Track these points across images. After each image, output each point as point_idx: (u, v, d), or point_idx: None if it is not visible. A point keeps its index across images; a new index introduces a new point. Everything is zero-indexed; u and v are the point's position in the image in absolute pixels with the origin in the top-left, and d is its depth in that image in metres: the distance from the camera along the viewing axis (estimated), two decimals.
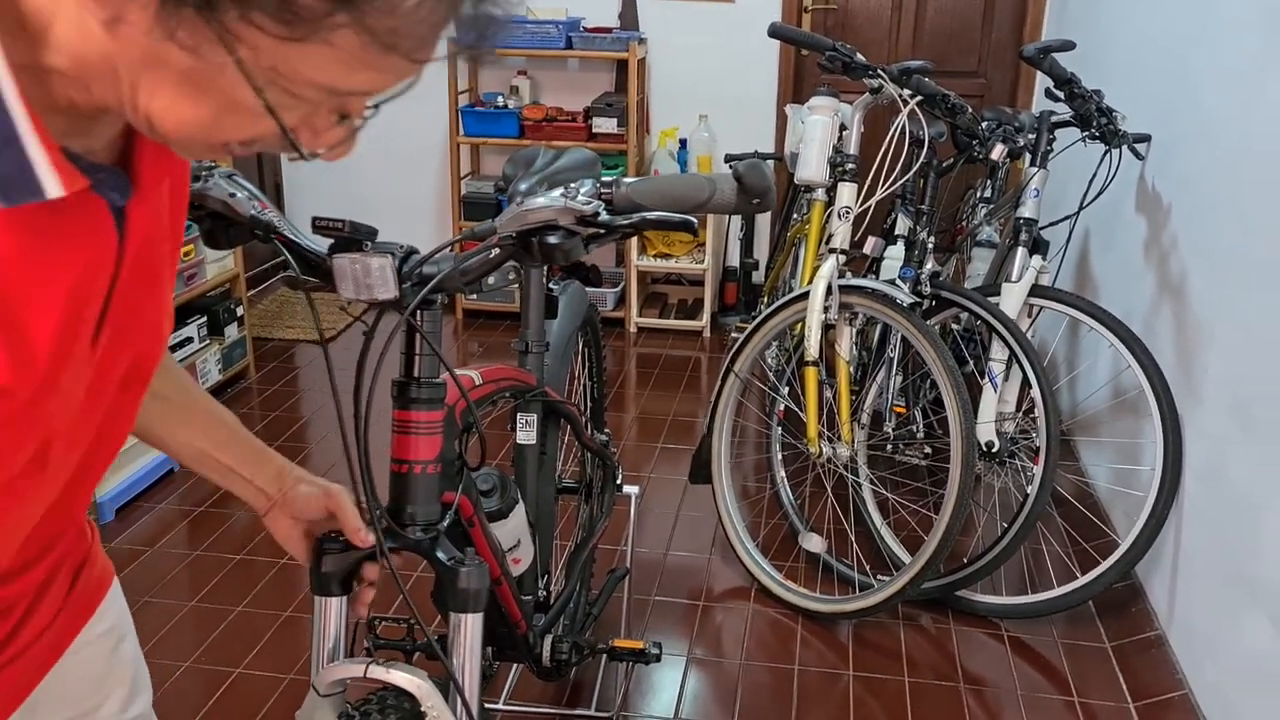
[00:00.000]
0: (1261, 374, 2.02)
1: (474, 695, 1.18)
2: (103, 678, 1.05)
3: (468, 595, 1.18)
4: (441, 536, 1.19)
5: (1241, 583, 2.03)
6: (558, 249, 1.11)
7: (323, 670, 1.13)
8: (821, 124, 2.65)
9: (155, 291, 0.83)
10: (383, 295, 1.06)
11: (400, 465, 1.18)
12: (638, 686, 2.32)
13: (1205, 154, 2.42)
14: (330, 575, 1.13)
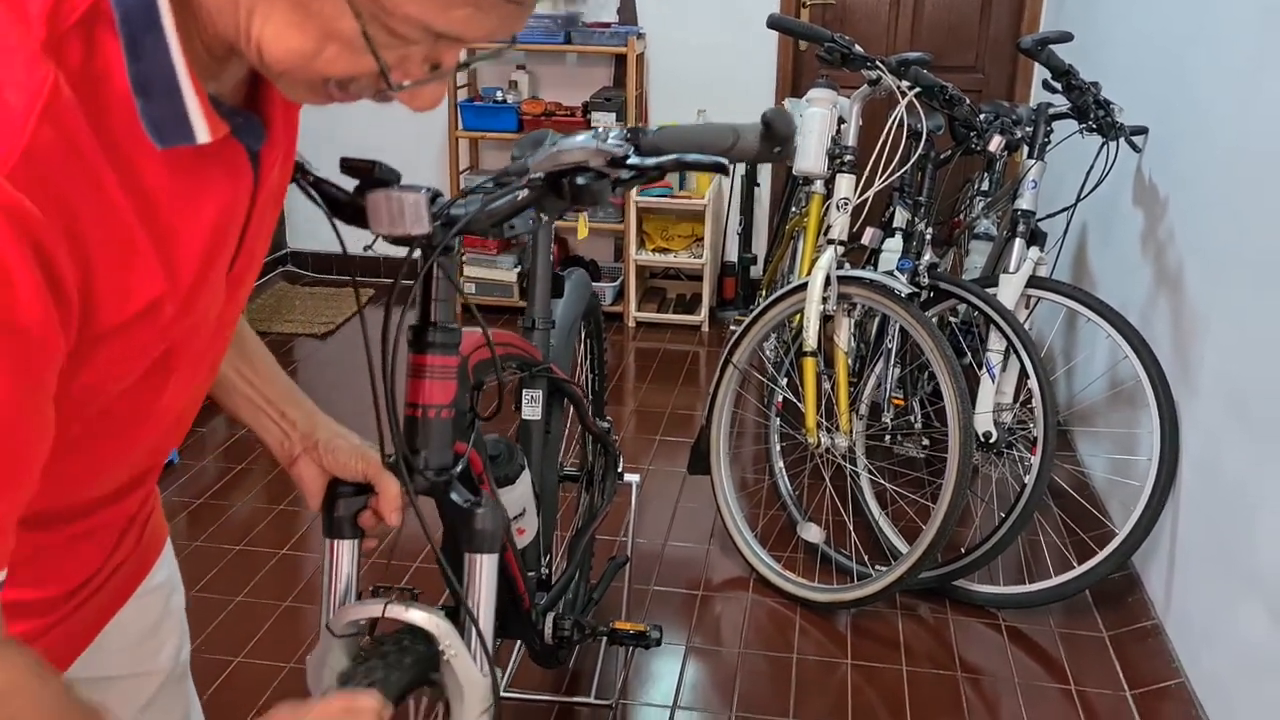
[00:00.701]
0: (1257, 368, 2.03)
1: (489, 634, 1.18)
2: (158, 625, 1.09)
3: (484, 535, 1.19)
4: (455, 481, 1.20)
5: (1237, 573, 2.05)
6: (587, 190, 1.12)
7: (337, 612, 1.13)
8: (820, 116, 2.65)
9: (272, 228, 0.90)
10: (416, 230, 1.06)
11: (414, 409, 1.18)
12: (637, 674, 2.33)
13: (1202, 151, 2.43)
14: (342, 518, 1.14)
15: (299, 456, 1.13)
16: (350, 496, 1.14)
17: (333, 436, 1.14)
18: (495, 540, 1.19)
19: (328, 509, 1.15)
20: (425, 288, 1.19)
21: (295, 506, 2.96)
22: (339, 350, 4.16)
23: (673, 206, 4.40)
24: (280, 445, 1.13)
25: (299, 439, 1.13)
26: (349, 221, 1.12)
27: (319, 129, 4.67)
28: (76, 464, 0.79)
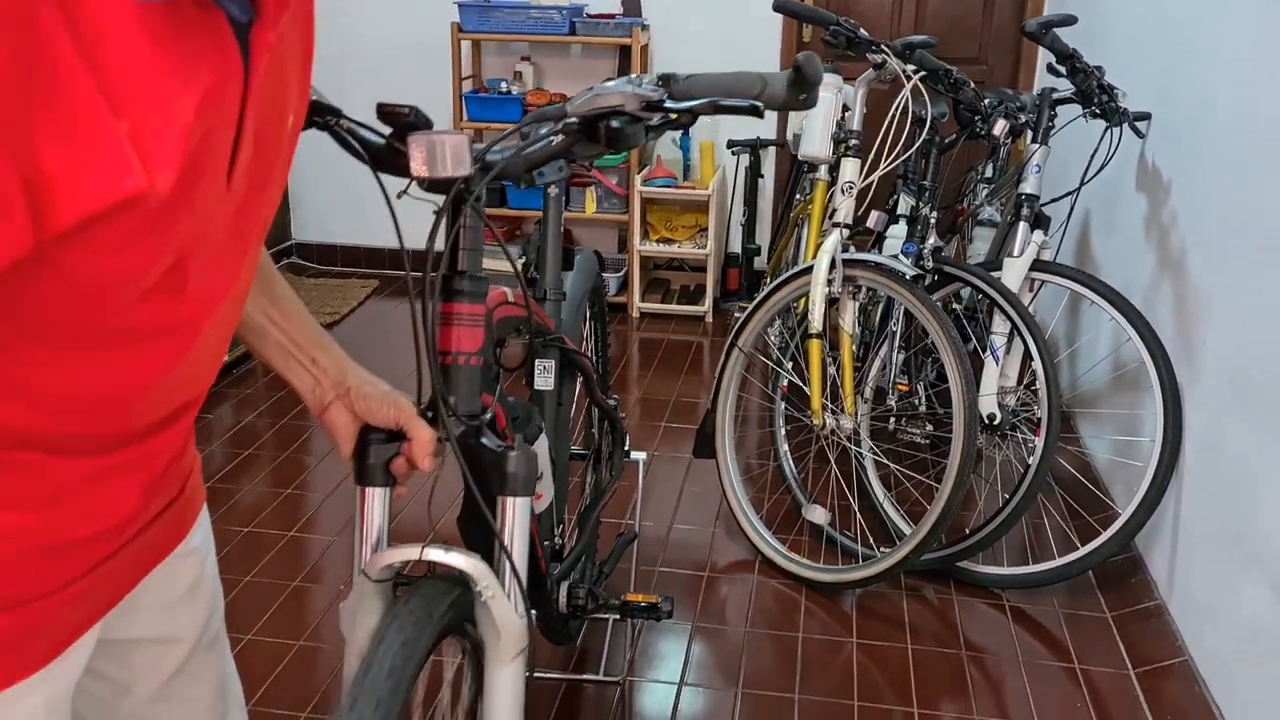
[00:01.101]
0: (1259, 346, 2.05)
1: (524, 576, 1.20)
2: (193, 590, 1.09)
3: (517, 478, 1.21)
4: (485, 428, 1.22)
5: (1240, 550, 2.06)
6: (621, 134, 1.15)
7: (372, 557, 1.15)
8: (825, 100, 2.67)
9: (282, 145, 0.86)
10: (457, 172, 1.09)
11: (445, 356, 1.20)
12: (644, 653, 2.34)
13: (1204, 134, 2.45)
14: (374, 465, 1.15)
15: (331, 403, 1.15)
16: (382, 443, 1.16)
17: (364, 383, 1.15)
18: (529, 484, 1.21)
19: (359, 456, 1.17)
20: (455, 238, 1.21)
21: (301, 490, 2.98)
22: (346, 338, 4.17)
23: (677, 197, 4.41)
24: (312, 392, 1.14)
25: (330, 385, 1.14)
26: (382, 169, 1.14)
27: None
28: (109, 381, 0.79)
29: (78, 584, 0.90)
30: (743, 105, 1.21)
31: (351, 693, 1.05)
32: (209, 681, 1.17)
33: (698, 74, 1.29)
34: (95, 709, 1.06)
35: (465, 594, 1.18)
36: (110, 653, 1.03)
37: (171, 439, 0.95)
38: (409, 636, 1.08)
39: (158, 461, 0.94)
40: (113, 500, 0.90)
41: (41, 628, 0.87)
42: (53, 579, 0.87)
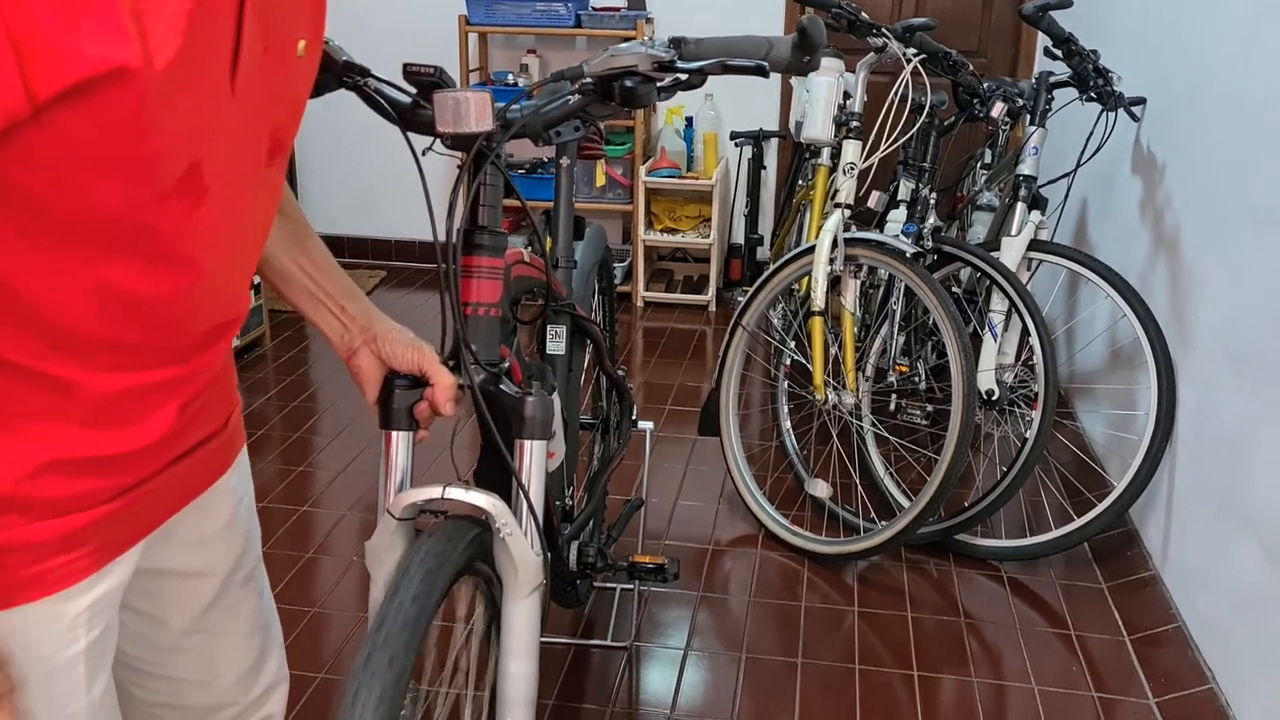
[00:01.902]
0: (1250, 317, 2.11)
1: (540, 513, 1.27)
2: (227, 527, 1.15)
3: (534, 422, 1.27)
4: (503, 375, 1.28)
5: (1232, 514, 2.12)
6: (634, 93, 1.21)
7: (397, 496, 1.21)
8: (826, 84, 2.73)
9: (296, 69, 0.91)
10: (481, 127, 1.15)
11: (465, 307, 1.26)
12: (650, 620, 2.40)
13: (1200, 108, 2.51)
14: (399, 410, 1.22)
15: (358, 349, 1.21)
16: (406, 389, 1.22)
17: (390, 329, 1.22)
18: (545, 427, 1.27)
19: (384, 401, 1.23)
20: (475, 193, 1.26)
21: (311, 469, 3.04)
22: None
23: (680, 187, 4.47)
24: (340, 338, 1.21)
25: (358, 332, 1.21)
26: (409, 128, 1.20)
27: (321, 114, 4.76)
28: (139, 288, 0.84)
29: (119, 500, 0.95)
30: (749, 65, 1.27)
31: (379, 614, 1.10)
32: (245, 616, 1.22)
33: (706, 37, 1.35)
34: (132, 641, 1.12)
35: (484, 533, 1.24)
36: (144, 586, 1.08)
37: (208, 361, 1.00)
38: (431, 568, 1.14)
39: (194, 384, 0.99)
40: (149, 419, 0.95)
41: (84, 539, 0.93)
42: (94, 493, 0.93)
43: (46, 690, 0.92)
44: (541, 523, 1.27)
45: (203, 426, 1.05)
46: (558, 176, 1.92)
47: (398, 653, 1.06)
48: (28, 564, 0.89)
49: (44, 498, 0.89)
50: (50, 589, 0.91)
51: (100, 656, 0.98)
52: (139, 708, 1.17)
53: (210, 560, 1.14)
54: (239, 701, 1.25)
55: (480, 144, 1.20)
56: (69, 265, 0.81)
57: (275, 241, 1.17)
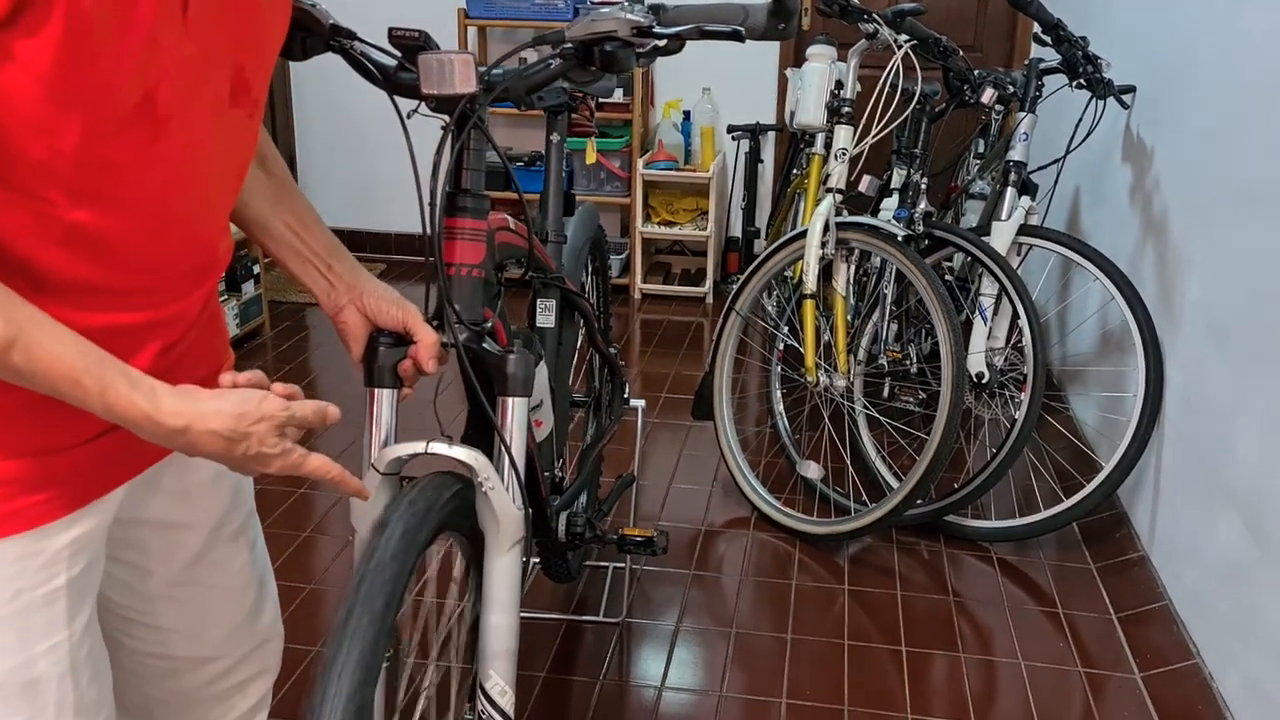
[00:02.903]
0: (1234, 295, 2.13)
1: (521, 470, 1.29)
2: (213, 481, 1.18)
3: (516, 379, 1.30)
4: (487, 336, 1.30)
5: (1217, 489, 2.14)
6: (614, 57, 1.24)
7: (381, 451, 1.23)
8: (819, 71, 2.76)
9: (258, 11, 0.94)
10: (463, 89, 1.17)
11: (449, 268, 1.29)
12: (642, 597, 2.43)
13: (1186, 92, 2.54)
14: (383, 368, 1.24)
15: (344, 306, 1.24)
16: (391, 347, 1.24)
17: (375, 287, 1.25)
18: (527, 384, 1.30)
19: (369, 359, 1.25)
20: (459, 157, 1.29)
21: None
22: None
23: (678, 180, 4.51)
24: (326, 296, 1.23)
25: (344, 289, 1.23)
26: (391, 91, 1.23)
27: (321, 109, 4.79)
28: (104, 225, 0.88)
29: (96, 442, 0.98)
30: (725, 31, 1.29)
31: (358, 572, 1.11)
32: (235, 571, 1.24)
33: (684, 3, 1.38)
34: (119, 590, 1.14)
35: (465, 489, 1.26)
36: (128, 536, 1.11)
37: (186, 308, 1.03)
38: (412, 524, 1.15)
39: (173, 329, 1.02)
40: (127, 360, 0.97)
41: (60, 479, 0.96)
42: (76, 431, 0.96)
43: (28, 623, 0.94)
44: (523, 478, 1.29)
45: (185, 375, 1.07)
46: (547, 152, 1.95)
47: (377, 610, 1.07)
48: (2, 500, 0.91)
49: (14, 437, 0.92)
50: (25, 525, 0.93)
51: (82, 593, 1.00)
52: (130, 657, 1.20)
53: (194, 512, 1.17)
54: (230, 655, 1.27)
55: (463, 106, 1.23)
56: (38, 208, 0.84)
57: (262, 200, 1.19)
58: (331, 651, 1.04)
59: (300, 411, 0.99)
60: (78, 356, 0.85)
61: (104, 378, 0.87)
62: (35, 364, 0.83)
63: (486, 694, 1.29)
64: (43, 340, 0.83)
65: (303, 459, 1.00)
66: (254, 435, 0.95)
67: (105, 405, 0.87)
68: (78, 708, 1.00)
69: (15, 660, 0.95)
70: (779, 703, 2.10)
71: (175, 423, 0.90)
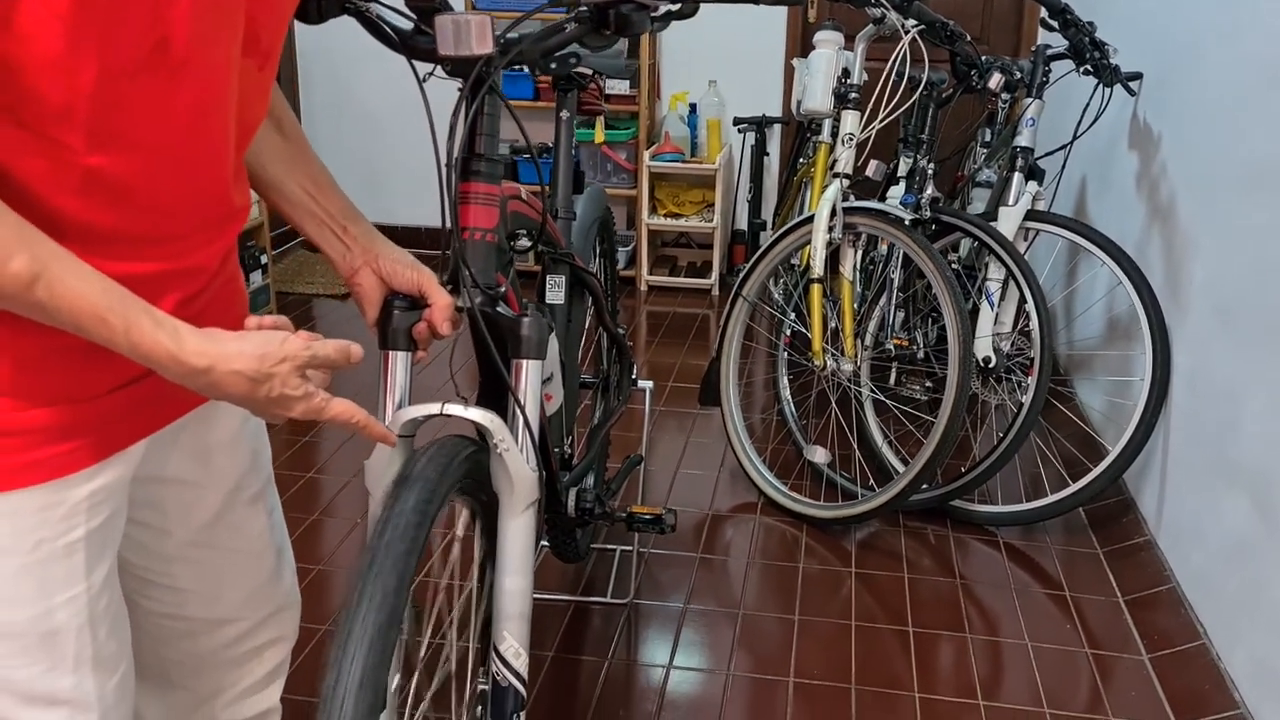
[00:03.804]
0: (1241, 274, 2.14)
1: (535, 428, 1.30)
2: (232, 442, 1.19)
3: (530, 341, 1.30)
4: (500, 300, 1.31)
5: (1223, 469, 2.14)
6: (629, 20, 1.25)
7: (396, 413, 1.24)
8: (826, 57, 2.76)
9: None
10: (480, 50, 1.18)
11: (462, 232, 1.29)
12: (649, 579, 2.43)
13: (1193, 75, 2.54)
14: (397, 330, 1.25)
15: (359, 268, 1.24)
16: (405, 310, 1.25)
17: (390, 250, 1.26)
18: (541, 347, 1.30)
19: (383, 322, 1.26)
20: (473, 121, 1.29)
21: (316, 438, 3.08)
22: (356, 310, 4.28)
23: (684, 172, 4.51)
24: (342, 258, 1.24)
25: (360, 252, 1.24)
26: (409, 54, 1.24)
27: (329, 99, 4.81)
28: (123, 170, 0.88)
29: (122, 392, 0.99)
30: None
31: (377, 529, 1.13)
32: (254, 535, 1.25)
33: None
34: (137, 551, 1.15)
35: (479, 452, 1.26)
36: (147, 496, 1.11)
37: (205, 260, 1.04)
38: (429, 482, 1.16)
39: (192, 282, 1.03)
40: (160, 300, 0.98)
41: (83, 430, 0.96)
42: (97, 381, 0.96)
43: (48, 573, 0.95)
44: (537, 440, 1.30)
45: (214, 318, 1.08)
46: (557, 129, 1.95)
47: (398, 561, 1.07)
48: (24, 449, 0.92)
49: (40, 385, 0.92)
50: (48, 475, 0.94)
51: (102, 546, 1.01)
52: (146, 618, 1.21)
53: (212, 473, 1.17)
54: (247, 618, 1.28)
55: (479, 69, 1.24)
56: (57, 154, 0.84)
57: (278, 163, 1.20)
58: (352, 604, 1.04)
59: (323, 350, 0.99)
60: (102, 294, 0.86)
61: (128, 315, 0.87)
62: (59, 300, 0.83)
63: (500, 655, 1.30)
64: (66, 277, 0.84)
65: (325, 403, 1.00)
66: (277, 376, 0.95)
67: (130, 343, 0.88)
68: (96, 660, 1.01)
69: (35, 610, 0.95)
70: (786, 681, 2.10)
71: (199, 362, 0.91)
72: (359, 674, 0.99)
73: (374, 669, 1.00)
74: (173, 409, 1.08)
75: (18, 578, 0.94)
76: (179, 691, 1.28)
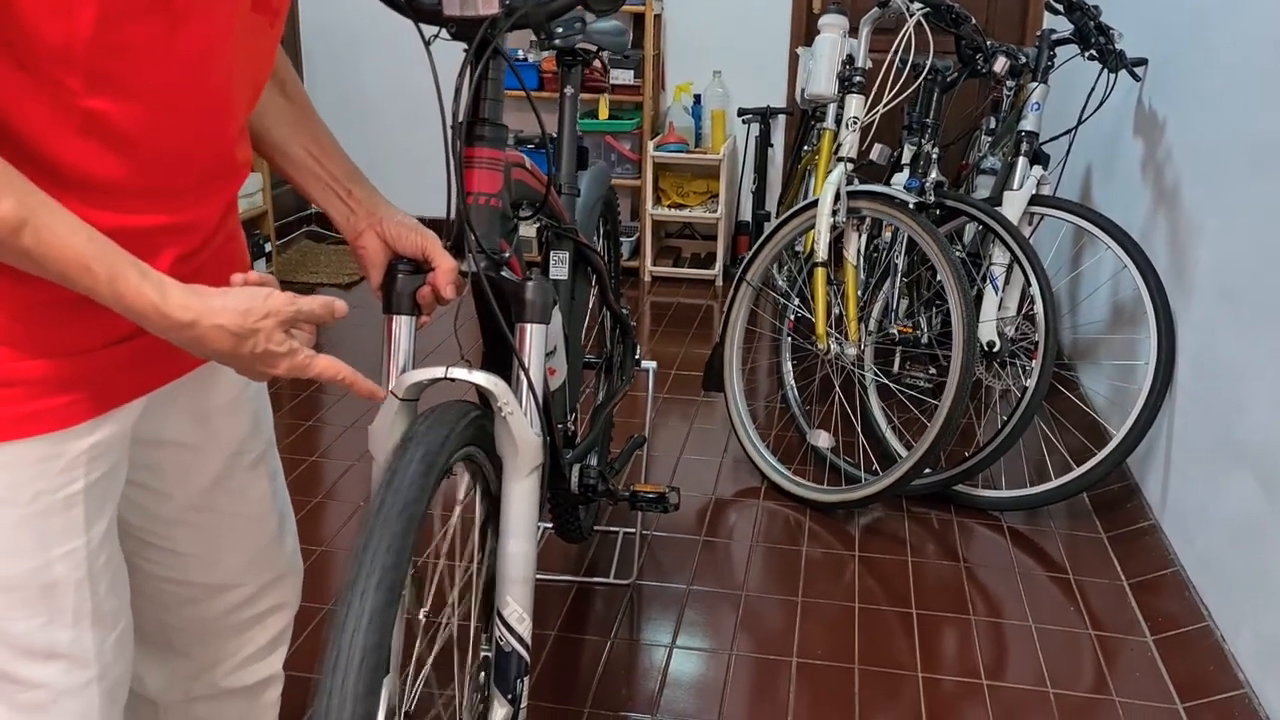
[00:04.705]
0: (1246, 255, 2.13)
1: (539, 392, 1.30)
2: (232, 405, 1.19)
3: (535, 306, 1.30)
4: (504, 265, 1.30)
5: (1229, 450, 2.14)
6: None
7: (400, 377, 1.23)
8: (830, 41, 2.76)
9: None
10: (486, 10, 1.18)
11: (467, 196, 1.29)
12: (652, 561, 2.43)
13: (1198, 56, 2.54)
14: (401, 294, 1.24)
15: (363, 231, 1.24)
16: (409, 274, 1.24)
17: (394, 213, 1.25)
18: (545, 311, 1.30)
19: (387, 286, 1.25)
20: (477, 85, 1.29)
21: (320, 423, 3.08)
22: (360, 298, 4.28)
23: (689, 162, 4.51)
24: (346, 220, 1.24)
25: (364, 215, 1.24)
26: (415, 18, 1.24)
27: (330, 89, 4.81)
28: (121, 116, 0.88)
29: (118, 347, 0.98)
30: None
31: (379, 493, 1.11)
32: (254, 500, 1.25)
33: None
34: (137, 513, 1.15)
35: (482, 417, 1.26)
36: (147, 458, 1.11)
37: (204, 216, 1.03)
38: (433, 445, 1.15)
39: (190, 238, 1.02)
40: (158, 255, 0.97)
41: (92, 379, 0.96)
42: (90, 335, 0.96)
43: (47, 525, 0.95)
44: (541, 405, 1.29)
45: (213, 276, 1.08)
46: (561, 104, 1.95)
47: (398, 531, 1.06)
48: (23, 400, 0.92)
49: (39, 335, 0.92)
50: (47, 427, 0.94)
51: (101, 501, 1.01)
52: (148, 582, 1.20)
53: (212, 436, 1.17)
54: (249, 584, 1.27)
55: (485, 30, 1.23)
56: (56, 94, 0.84)
57: (282, 125, 1.20)
58: (353, 571, 1.03)
59: (307, 305, 0.99)
60: (88, 243, 0.86)
61: (114, 266, 0.87)
62: (45, 248, 0.83)
63: (504, 620, 1.29)
64: (54, 224, 0.84)
65: (310, 359, 1.00)
66: (261, 331, 0.95)
67: (114, 293, 0.88)
68: (95, 615, 1.01)
69: (33, 562, 0.95)
70: (790, 661, 2.10)
71: (183, 316, 0.91)
72: (369, 609, 0.99)
73: (381, 608, 1.00)
74: (171, 368, 1.07)
75: (16, 529, 0.94)
76: (181, 658, 1.28)
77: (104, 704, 1.03)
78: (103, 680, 1.02)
